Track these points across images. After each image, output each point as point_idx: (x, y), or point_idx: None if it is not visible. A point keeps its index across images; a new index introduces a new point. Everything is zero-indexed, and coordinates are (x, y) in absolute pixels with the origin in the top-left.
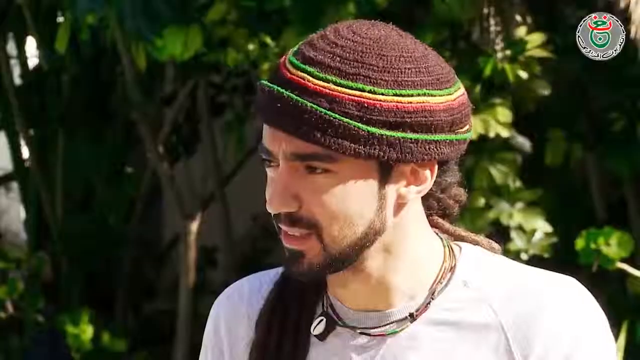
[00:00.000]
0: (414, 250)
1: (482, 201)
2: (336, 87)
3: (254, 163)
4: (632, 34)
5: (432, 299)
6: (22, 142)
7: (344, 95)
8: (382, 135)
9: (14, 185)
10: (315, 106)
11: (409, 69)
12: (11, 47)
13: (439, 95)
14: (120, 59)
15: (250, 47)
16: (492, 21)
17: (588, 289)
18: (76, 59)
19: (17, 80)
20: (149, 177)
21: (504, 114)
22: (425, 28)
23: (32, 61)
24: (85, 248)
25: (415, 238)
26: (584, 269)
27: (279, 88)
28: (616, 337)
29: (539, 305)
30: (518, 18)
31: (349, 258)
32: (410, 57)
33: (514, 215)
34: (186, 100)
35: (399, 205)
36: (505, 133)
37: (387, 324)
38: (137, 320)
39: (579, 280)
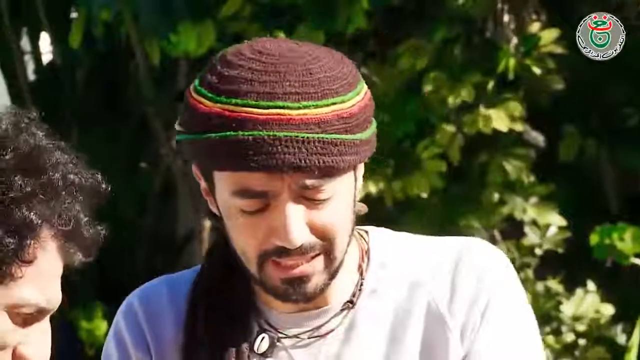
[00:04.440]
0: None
1: (496, 196)
2: (315, 110)
3: None
4: None
5: (362, 284)
6: None
7: (324, 114)
8: (362, 139)
9: None
10: (309, 135)
11: (343, 69)
12: (25, 43)
13: (364, 85)
14: (134, 54)
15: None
16: (506, 17)
17: (602, 285)
18: (90, 54)
19: (31, 76)
20: (163, 173)
21: (518, 109)
22: (437, 23)
23: (46, 57)
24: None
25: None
26: (598, 265)
27: (263, 132)
28: (631, 333)
29: (452, 264)
30: (532, 14)
31: (341, 265)
32: (339, 56)
33: (528, 210)
34: None
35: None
36: (518, 128)
37: (328, 321)
38: None
39: (592, 277)
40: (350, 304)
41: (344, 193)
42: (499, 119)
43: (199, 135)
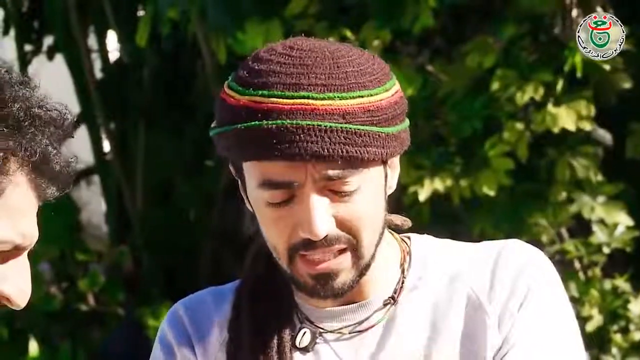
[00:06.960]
0: (384, 241)
1: (563, 194)
2: (341, 102)
3: None
4: None
5: (404, 282)
6: (103, 136)
7: (350, 106)
8: (389, 132)
9: (95, 178)
10: (333, 124)
11: (373, 65)
12: (92, 41)
13: (397, 83)
14: (200, 52)
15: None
16: (574, 14)
17: None
18: (157, 52)
19: (99, 74)
20: (229, 170)
21: (586, 107)
22: (505, 21)
23: (113, 55)
24: (165, 241)
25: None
26: None
27: (287, 121)
28: None
29: (492, 260)
30: (599, 10)
31: (372, 262)
32: (371, 55)
33: (596, 208)
34: None
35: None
36: (586, 126)
37: (370, 316)
38: None
39: None
40: (392, 299)
41: (371, 187)
42: (568, 118)
43: (228, 127)
